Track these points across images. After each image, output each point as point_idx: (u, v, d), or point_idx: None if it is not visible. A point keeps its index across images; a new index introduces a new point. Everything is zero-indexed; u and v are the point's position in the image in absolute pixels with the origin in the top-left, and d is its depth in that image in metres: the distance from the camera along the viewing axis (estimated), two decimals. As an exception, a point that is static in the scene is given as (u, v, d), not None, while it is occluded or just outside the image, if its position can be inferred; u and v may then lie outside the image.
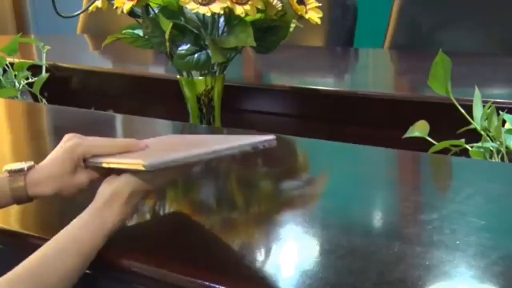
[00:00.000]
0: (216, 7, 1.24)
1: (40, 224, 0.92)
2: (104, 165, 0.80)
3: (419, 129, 1.15)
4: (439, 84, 1.13)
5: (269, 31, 1.35)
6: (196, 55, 1.31)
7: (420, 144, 1.13)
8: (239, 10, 1.24)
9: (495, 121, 1.09)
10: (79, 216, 0.76)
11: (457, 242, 0.76)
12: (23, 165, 0.81)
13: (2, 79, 1.67)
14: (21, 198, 0.81)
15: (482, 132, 1.10)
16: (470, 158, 1.08)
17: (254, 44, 1.26)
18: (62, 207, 0.90)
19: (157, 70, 1.98)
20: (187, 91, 1.40)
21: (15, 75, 1.68)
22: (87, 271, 0.75)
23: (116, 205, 0.76)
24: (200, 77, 1.38)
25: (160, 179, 0.80)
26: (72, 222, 0.75)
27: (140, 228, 0.86)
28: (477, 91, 1.14)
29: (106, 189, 0.77)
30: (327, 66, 2.04)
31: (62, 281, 0.72)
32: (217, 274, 0.72)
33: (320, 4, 1.35)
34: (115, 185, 0.77)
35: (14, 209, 0.84)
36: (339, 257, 0.74)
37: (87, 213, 0.76)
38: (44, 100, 1.73)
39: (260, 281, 0.71)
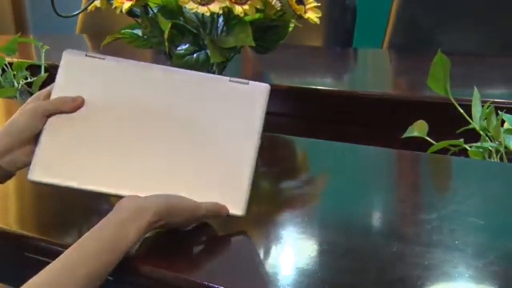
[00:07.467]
0: (215, 7, 1.24)
1: (39, 224, 0.92)
2: None
3: (418, 129, 1.15)
4: (438, 84, 1.13)
5: (268, 31, 1.35)
6: (195, 55, 1.31)
7: (419, 144, 1.13)
8: (238, 9, 1.24)
9: (494, 121, 1.10)
10: (99, 227, 0.73)
11: (456, 242, 0.76)
12: None
13: (1, 79, 1.67)
14: None
15: (481, 132, 1.10)
16: (469, 158, 1.08)
17: (253, 44, 1.26)
18: (61, 207, 0.90)
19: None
20: (186, 91, 1.40)
21: (14, 75, 1.68)
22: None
23: (143, 220, 0.73)
24: (199, 77, 1.38)
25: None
26: (92, 233, 0.72)
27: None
28: (476, 91, 1.14)
29: (131, 203, 0.75)
30: (326, 66, 2.04)
31: None
32: (217, 274, 0.72)
33: (319, 4, 1.34)
34: (142, 201, 0.75)
35: (14, 209, 0.84)
36: (338, 256, 0.74)
37: (110, 223, 0.73)
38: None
39: (259, 280, 0.71)
